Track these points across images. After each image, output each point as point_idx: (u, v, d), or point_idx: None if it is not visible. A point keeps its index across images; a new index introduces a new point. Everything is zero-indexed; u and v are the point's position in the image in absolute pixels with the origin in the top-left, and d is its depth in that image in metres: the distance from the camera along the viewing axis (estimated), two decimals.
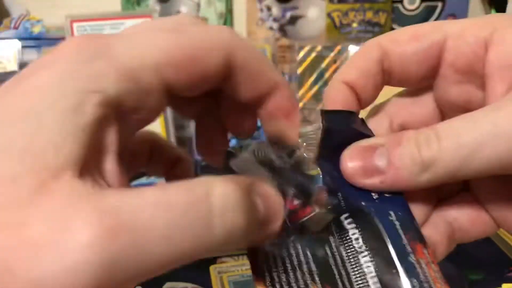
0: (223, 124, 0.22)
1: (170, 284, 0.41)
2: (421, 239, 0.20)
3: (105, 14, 0.71)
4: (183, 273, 0.43)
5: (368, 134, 0.21)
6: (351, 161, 0.20)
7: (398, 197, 0.20)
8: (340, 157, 0.20)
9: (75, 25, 0.70)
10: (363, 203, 0.20)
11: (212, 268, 0.43)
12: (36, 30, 0.82)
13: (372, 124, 0.22)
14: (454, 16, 0.89)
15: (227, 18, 0.90)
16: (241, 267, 0.43)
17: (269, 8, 0.88)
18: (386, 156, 0.19)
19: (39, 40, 0.81)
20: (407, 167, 0.19)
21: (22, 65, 0.79)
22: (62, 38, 0.74)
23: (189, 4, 0.89)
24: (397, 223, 0.20)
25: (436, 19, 0.89)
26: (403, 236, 0.19)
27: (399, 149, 0.19)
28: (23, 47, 0.79)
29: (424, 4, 0.89)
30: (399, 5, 0.89)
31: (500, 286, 0.41)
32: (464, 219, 0.22)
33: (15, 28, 0.82)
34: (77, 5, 0.89)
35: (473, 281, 0.42)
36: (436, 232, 0.21)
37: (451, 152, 0.18)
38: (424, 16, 0.89)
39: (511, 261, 0.44)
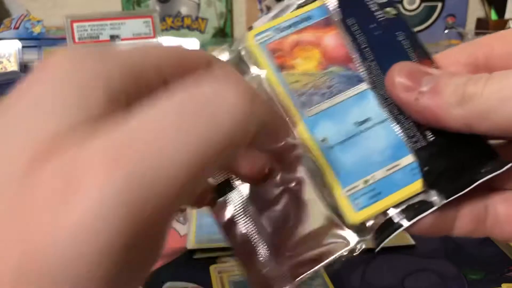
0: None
1: (170, 284, 0.41)
2: (429, 56, 0.21)
3: (105, 14, 0.71)
4: (183, 273, 0.43)
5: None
6: (399, 77, 0.20)
7: (402, 21, 0.22)
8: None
9: (75, 25, 0.70)
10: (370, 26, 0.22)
11: (212, 268, 0.43)
12: (37, 30, 0.82)
13: (451, 53, 0.22)
14: (453, 16, 0.89)
15: (227, 18, 0.90)
16: None
17: (269, 8, 0.89)
18: (433, 83, 0.19)
19: (39, 40, 0.81)
20: (446, 95, 0.19)
21: (22, 65, 0.79)
22: (62, 38, 0.74)
23: (189, 4, 0.89)
24: (405, 42, 0.21)
25: (436, 19, 0.90)
26: (413, 54, 0.21)
27: (448, 79, 0.19)
28: (24, 47, 0.79)
29: (423, 5, 0.89)
30: (399, 6, 0.89)
31: (500, 286, 0.41)
32: (503, 212, 0.21)
33: (16, 28, 0.82)
34: (77, 5, 0.89)
35: (473, 281, 0.42)
36: (467, 208, 0.20)
37: (490, 91, 0.18)
38: (424, 16, 0.89)
39: (510, 261, 0.44)
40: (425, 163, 0.20)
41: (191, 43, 0.83)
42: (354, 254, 0.21)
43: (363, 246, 0.21)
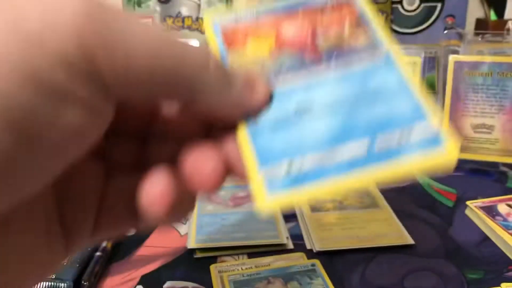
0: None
1: (170, 284, 0.41)
2: None
3: None
4: (183, 272, 0.43)
5: None
6: None
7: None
8: None
9: None
10: None
11: (212, 267, 0.43)
12: None
13: None
14: (453, 16, 0.90)
15: None
16: (242, 266, 0.43)
17: None
18: None
19: None
20: None
21: None
22: None
23: (189, 4, 0.89)
24: None
25: (435, 19, 0.90)
26: None
27: None
28: None
29: (423, 5, 0.89)
30: (399, 6, 0.89)
31: (499, 286, 0.41)
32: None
33: None
34: None
35: (472, 280, 0.42)
36: None
37: None
38: (424, 17, 0.90)
39: (510, 260, 0.44)
40: None
41: (192, 43, 0.83)
42: None
43: None
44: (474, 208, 0.51)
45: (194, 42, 0.85)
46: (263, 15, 0.22)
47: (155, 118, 0.20)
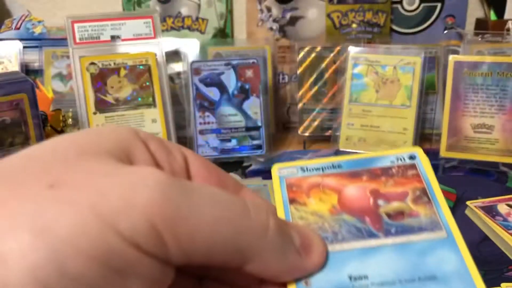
0: None
1: None
2: None
3: (106, 14, 0.72)
4: None
5: None
6: None
7: None
8: None
9: (76, 25, 0.70)
10: None
11: None
12: (38, 30, 0.82)
13: None
14: (453, 16, 0.90)
15: (227, 18, 0.90)
16: None
17: (269, 9, 0.89)
18: None
19: (40, 41, 0.81)
20: None
21: (23, 66, 0.79)
22: (63, 39, 0.74)
23: (189, 4, 0.89)
24: None
25: (435, 19, 0.90)
26: None
27: None
28: (25, 47, 0.79)
29: (423, 5, 0.89)
30: (399, 6, 0.89)
31: (499, 286, 0.41)
32: None
33: (17, 28, 0.82)
34: (78, 6, 0.89)
35: None
36: None
37: None
38: (423, 17, 0.90)
39: (510, 260, 0.44)
40: None
41: (192, 43, 0.84)
42: None
43: None
44: (474, 208, 0.51)
45: (195, 42, 0.84)
46: (328, 172, 0.22)
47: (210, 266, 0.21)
